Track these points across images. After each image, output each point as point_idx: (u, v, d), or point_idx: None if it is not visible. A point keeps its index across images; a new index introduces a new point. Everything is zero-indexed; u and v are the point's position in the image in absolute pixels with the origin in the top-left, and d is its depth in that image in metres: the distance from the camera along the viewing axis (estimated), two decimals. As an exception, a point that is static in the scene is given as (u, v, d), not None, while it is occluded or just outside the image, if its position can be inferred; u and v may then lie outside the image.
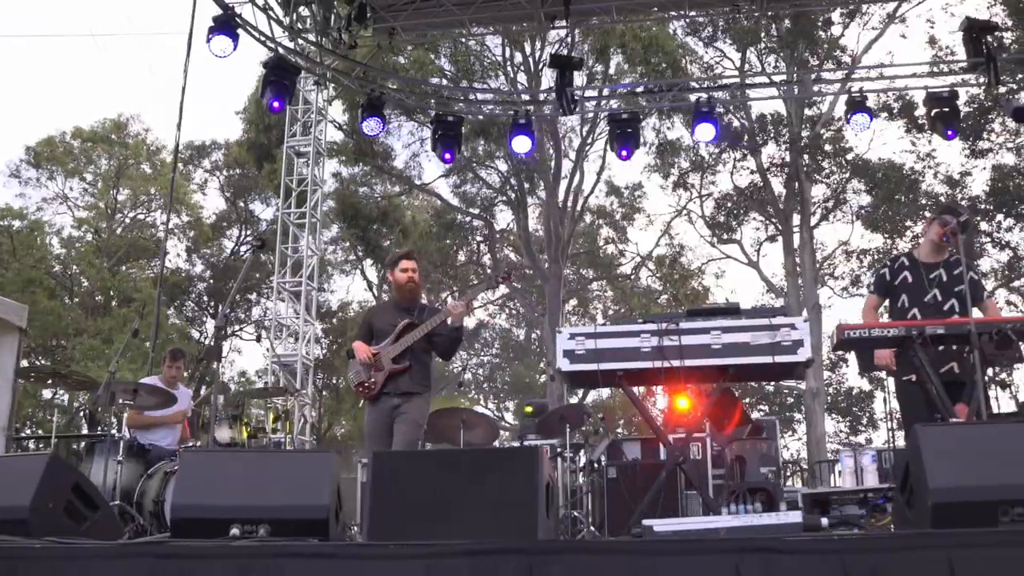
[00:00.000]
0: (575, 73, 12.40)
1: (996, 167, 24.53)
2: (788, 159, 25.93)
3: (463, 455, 4.82)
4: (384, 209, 26.89)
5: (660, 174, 26.88)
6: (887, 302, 6.21)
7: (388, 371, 6.09)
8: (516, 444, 8.74)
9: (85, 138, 28.17)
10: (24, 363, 9.35)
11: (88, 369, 21.90)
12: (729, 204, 27.50)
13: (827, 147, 26.20)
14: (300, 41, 12.89)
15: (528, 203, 26.92)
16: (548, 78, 25.89)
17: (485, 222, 27.51)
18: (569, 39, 24.64)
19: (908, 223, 25.20)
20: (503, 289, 29.41)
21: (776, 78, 23.10)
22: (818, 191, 27.47)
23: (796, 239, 25.85)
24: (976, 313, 6.04)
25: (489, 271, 28.51)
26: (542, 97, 15.31)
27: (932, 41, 26.28)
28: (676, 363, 5.23)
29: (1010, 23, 24.18)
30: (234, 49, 10.85)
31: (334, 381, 30.33)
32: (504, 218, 28.54)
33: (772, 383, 29.90)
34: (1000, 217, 24.85)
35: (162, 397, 7.23)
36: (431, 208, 28.35)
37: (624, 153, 12.36)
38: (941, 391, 5.34)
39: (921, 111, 19.65)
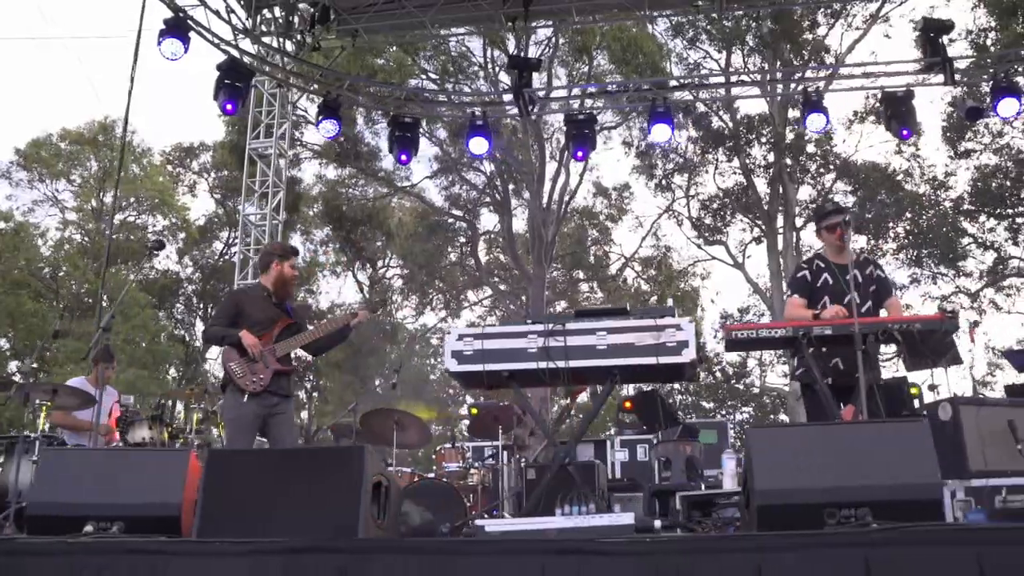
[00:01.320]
0: (554, 73, 12.52)
1: (979, 167, 24.48)
2: (772, 160, 25.90)
3: (293, 454, 4.83)
4: (369, 211, 26.92)
5: (644, 175, 26.81)
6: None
7: (273, 369, 6.08)
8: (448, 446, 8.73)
9: (72, 140, 28.28)
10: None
11: (74, 372, 22.00)
12: (714, 205, 27.46)
13: (811, 148, 26.14)
14: (258, 44, 12.92)
15: (514, 205, 27.02)
16: (535, 79, 25.96)
17: (468, 224, 27.51)
18: (554, 39, 24.71)
19: (891, 224, 25.12)
20: (487, 291, 29.49)
21: (757, 78, 23.32)
22: (804, 192, 27.49)
23: (780, 241, 25.83)
24: (884, 313, 6.08)
25: (476, 273, 28.57)
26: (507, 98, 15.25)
27: (918, 42, 26.23)
28: (561, 364, 5.23)
29: (993, 23, 24.15)
30: (185, 51, 10.88)
31: (322, 383, 30.35)
32: (492, 219, 28.58)
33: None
34: (983, 218, 24.79)
35: (82, 398, 7.24)
36: (416, 210, 28.35)
37: (580, 154, 12.42)
38: (826, 392, 5.35)
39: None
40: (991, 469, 5.71)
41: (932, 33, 12.17)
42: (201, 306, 31.16)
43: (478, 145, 12.47)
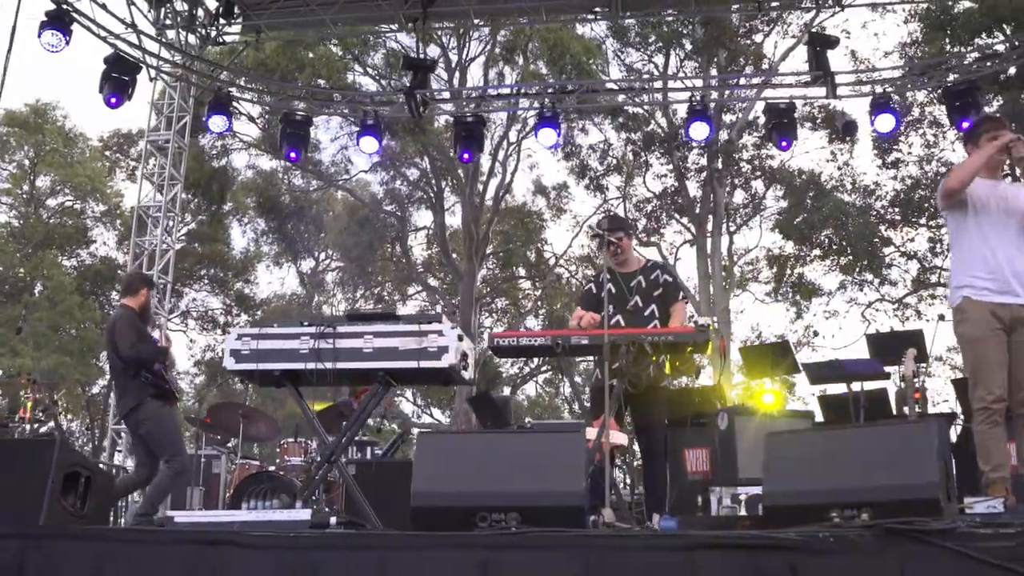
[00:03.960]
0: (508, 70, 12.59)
1: (903, 178, 24.85)
2: (704, 164, 26.17)
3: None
4: (304, 204, 26.99)
5: (576, 175, 27.03)
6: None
7: None
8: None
9: (2, 122, 28.10)
10: None
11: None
12: (648, 207, 27.72)
13: (743, 154, 26.44)
14: (161, 39, 12.97)
15: (452, 201, 27.21)
16: (472, 77, 26.17)
17: (399, 219, 27.64)
18: (491, 38, 24.89)
19: (817, 230, 25.43)
20: (417, 287, 29.63)
21: (692, 84, 23.60)
22: (739, 197, 27.81)
23: (710, 244, 26.12)
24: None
25: (406, 270, 28.72)
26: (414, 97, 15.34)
27: (853, 54, 26.67)
28: (330, 365, 5.39)
29: (920, 37, 24.48)
30: (67, 43, 10.93)
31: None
32: (430, 216, 28.72)
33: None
34: (907, 228, 25.19)
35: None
36: (351, 204, 28.43)
37: (466, 156, 12.57)
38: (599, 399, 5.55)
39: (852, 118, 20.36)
40: (756, 477, 5.94)
41: (818, 47, 12.47)
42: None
43: (368, 144, 12.59)
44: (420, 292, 29.55)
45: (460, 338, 5.41)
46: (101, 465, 10.63)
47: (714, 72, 25.12)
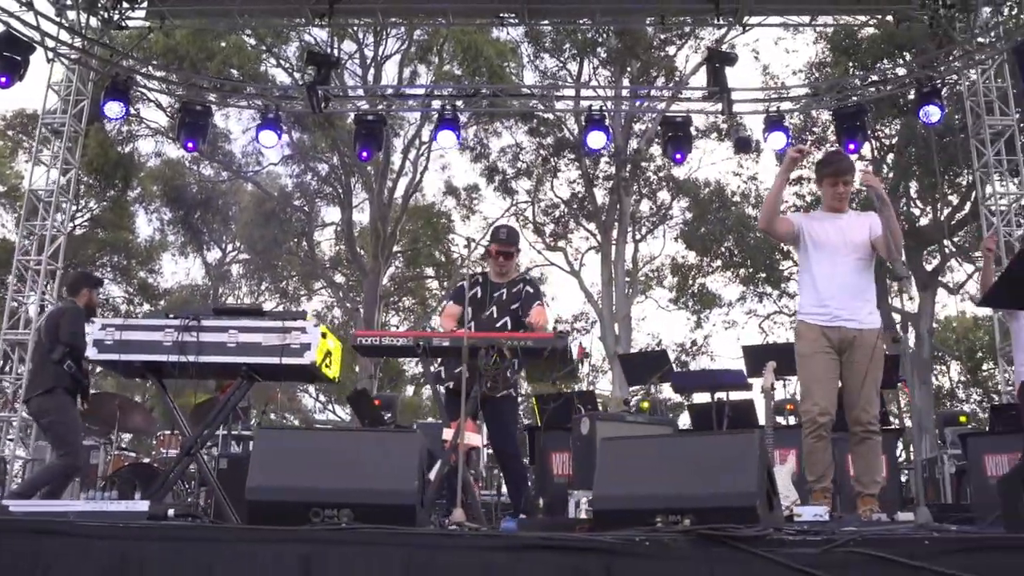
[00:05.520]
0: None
1: (805, 195, 25.52)
2: (613, 172, 26.52)
3: None
4: (209, 194, 26.63)
5: (485, 178, 27.20)
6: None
7: None
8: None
9: None
10: None
11: None
12: (556, 212, 28.00)
13: (651, 164, 26.88)
14: (61, 20, 12.71)
15: (362, 198, 27.10)
16: (387, 74, 26.14)
17: (305, 214, 27.47)
18: (407, 37, 24.89)
19: (719, 242, 25.98)
20: (339, 280, 29.42)
21: (604, 93, 23.96)
22: (645, 206, 28.27)
23: (615, 251, 26.48)
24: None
25: (310, 265, 28.52)
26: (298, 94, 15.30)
27: (765, 69, 27.36)
28: (193, 358, 5.41)
29: (829, 58, 25.19)
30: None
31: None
32: (337, 212, 28.56)
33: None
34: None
35: None
36: (258, 197, 28.10)
37: (364, 154, 12.60)
38: (441, 401, 5.67)
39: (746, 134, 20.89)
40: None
41: (718, 64, 12.81)
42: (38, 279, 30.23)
43: (267, 138, 12.57)
44: (326, 288, 29.39)
45: (324, 335, 5.48)
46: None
47: (626, 82, 25.54)
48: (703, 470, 3.90)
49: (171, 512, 4.00)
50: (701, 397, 8.88)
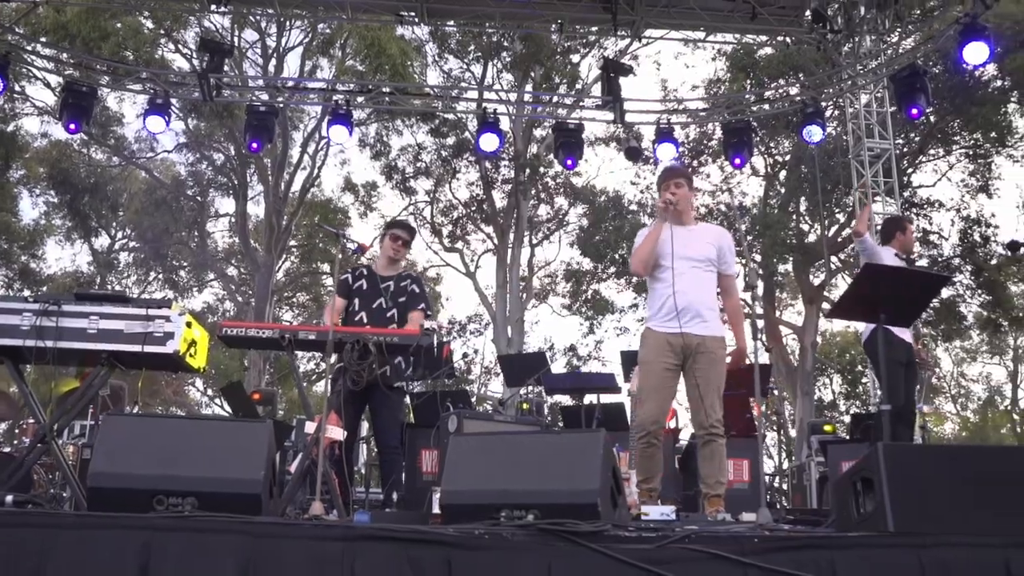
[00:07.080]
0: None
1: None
2: (511, 175, 26.67)
3: None
4: (99, 179, 25.91)
5: (384, 176, 27.08)
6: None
7: None
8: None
9: None
10: None
11: None
12: (455, 214, 28.04)
13: (551, 169, 27.10)
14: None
15: (258, 190, 26.70)
16: (289, 66, 25.82)
17: (198, 203, 26.97)
18: (311, 29, 24.65)
19: (613, 249, 26.31)
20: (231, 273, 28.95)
21: (506, 97, 24.10)
22: (543, 211, 28.50)
23: (511, 254, 26.63)
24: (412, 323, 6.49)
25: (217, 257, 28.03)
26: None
27: (663, 83, 27.87)
28: (51, 344, 5.30)
29: (726, 76, 25.77)
30: None
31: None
32: (231, 203, 28.09)
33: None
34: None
35: None
36: (149, 184, 27.47)
37: (254, 145, 12.43)
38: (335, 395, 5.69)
39: (645, 144, 21.07)
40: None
41: (612, 73, 13.02)
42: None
43: (154, 124, 12.32)
44: (217, 280, 28.87)
45: (189, 325, 5.43)
46: None
47: (529, 88, 25.72)
48: (549, 467, 4.00)
49: (9, 499, 3.92)
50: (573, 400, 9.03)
